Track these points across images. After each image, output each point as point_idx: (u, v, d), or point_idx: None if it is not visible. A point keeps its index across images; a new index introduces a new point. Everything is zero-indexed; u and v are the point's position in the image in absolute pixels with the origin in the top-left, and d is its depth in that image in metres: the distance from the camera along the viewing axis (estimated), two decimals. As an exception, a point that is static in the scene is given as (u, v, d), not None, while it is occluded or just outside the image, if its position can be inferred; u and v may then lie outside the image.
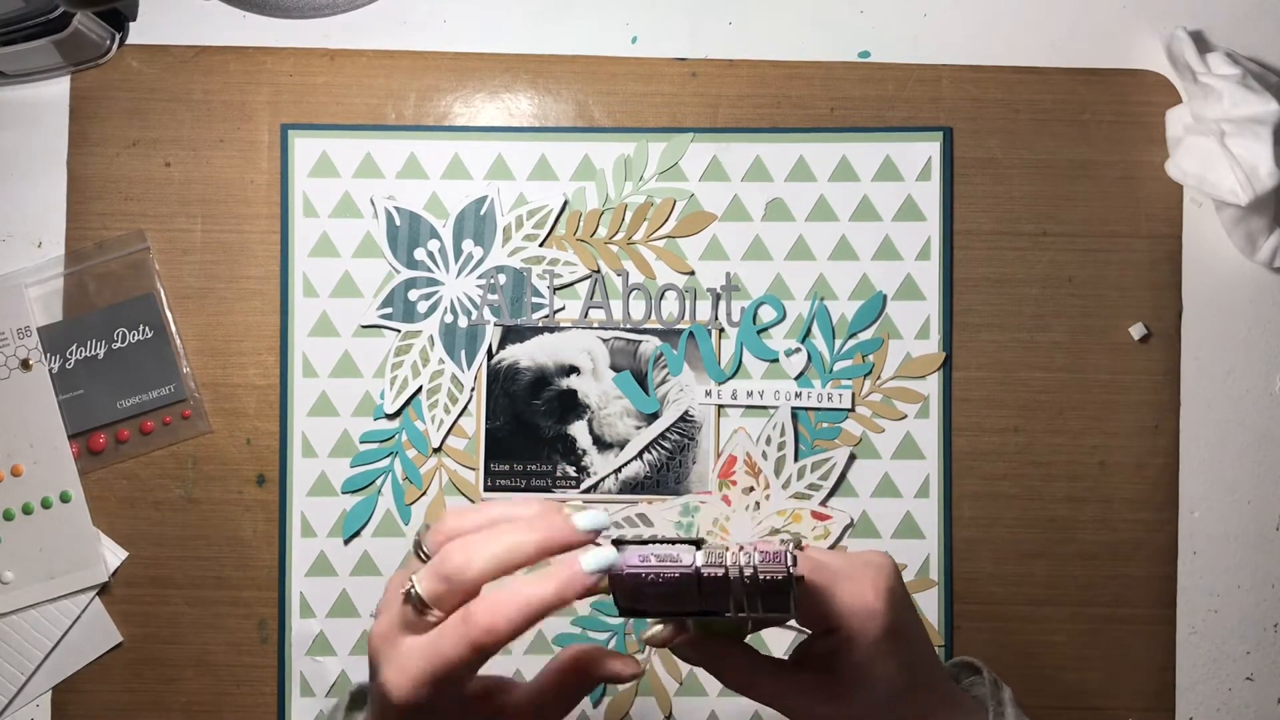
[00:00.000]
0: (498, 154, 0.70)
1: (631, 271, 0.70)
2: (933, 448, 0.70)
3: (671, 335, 0.70)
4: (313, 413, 0.70)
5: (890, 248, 0.70)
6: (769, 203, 0.70)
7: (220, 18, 0.71)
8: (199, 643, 0.69)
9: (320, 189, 0.70)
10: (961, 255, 0.71)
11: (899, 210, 0.70)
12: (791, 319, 0.70)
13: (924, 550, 0.70)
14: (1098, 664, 0.70)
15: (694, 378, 0.70)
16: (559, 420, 0.70)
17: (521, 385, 0.70)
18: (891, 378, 0.70)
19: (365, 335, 0.70)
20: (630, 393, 0.70)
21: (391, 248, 0.70)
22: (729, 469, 0.70)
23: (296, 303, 0.70)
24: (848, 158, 0.70)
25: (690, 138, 0.70)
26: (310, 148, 0.70)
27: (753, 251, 0.70)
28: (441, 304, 0.70)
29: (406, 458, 0.70)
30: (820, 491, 0.69)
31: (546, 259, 0.70)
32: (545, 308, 0.70)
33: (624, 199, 0.70)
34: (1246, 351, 0.71)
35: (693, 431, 0.70)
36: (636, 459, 0.70)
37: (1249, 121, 0.66)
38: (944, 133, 0.70)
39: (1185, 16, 0.72)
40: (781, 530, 0.69)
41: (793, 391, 0.70)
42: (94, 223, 0.70)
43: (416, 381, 0.70)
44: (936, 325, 0.70)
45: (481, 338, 0.70)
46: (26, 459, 0.69)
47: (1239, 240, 0.70)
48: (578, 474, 0.70)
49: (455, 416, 0.69)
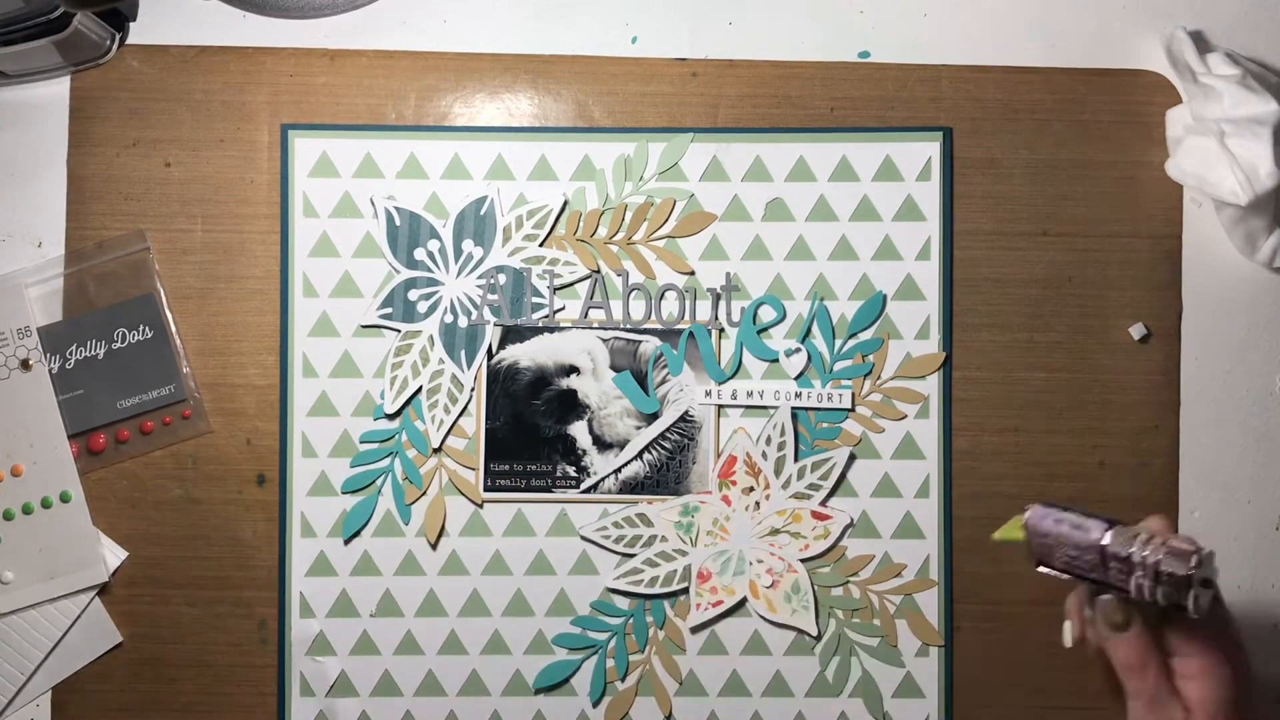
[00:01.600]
0: (498, 154, 0.70)
1: (631, 271, 0.70)
2: (933, 448, 0.70)
3: (671, 335, 0.70)
4: (313, 413, 0.70)
5: (890, 248, 0.70)
6: (769, 203, 0.70)
7: (220, 18, 0.71)
8: (199, 643, 0.69)
9: (320, 189, 0.70)
10: (961, 255, 0.71)
11: (899, 210, 0.70)
12: (791, 319, 0.70)
13: (924, 550, 0.70)
14: (1098, 664, 0.70)
15: (694, 378, 0.70)
16: (559, 420, 0.70)
17: (521, 385, 0.70)
18: (891, 378, 0.70)
19: (365, 335, 0.70)
20: (630, 393, 0.70)
21: (391, 248, 0.70)
22: (729, 469, 0.70)
23: (296, 303, 0.70)
24: (848, 158, 0.70)
25: (690, 138, 0.70)
26: (310, 148, 0.70)
27: (753, 251, 0.70)
28: (441, 304, 0.70)
29: (406, 458, 0.70)
30: (820, 491, 0.69)
31: (546, 259, 0.70)
32: (545, 308, 0.70)
33: (624, 199, 0.70)
34: (1246, 351, 0.71)
35: (693, 431, 0.70)
36: (636, 459, 0.70)
37: (1249, 121, 0.66)
38: (944, 133, 0.70)
39: (1185, 17, 0.72)
40: (782, 531, 0.69)
41: (793, 391, 0.70)
42: (94, 223, 0.70)
43: (416, 381, 0.70)
44: (936, 325, 0.70)
45: (481, 338, 0.70)
46: (26, 459, 0.69)
47: (1239, 240, 0.70)
48: (578, 474, 0.70)
49: (455, 416, 0.69)
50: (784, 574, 0.69)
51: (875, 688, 0.69)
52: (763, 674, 0.69)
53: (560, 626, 0.70)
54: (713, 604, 0.69)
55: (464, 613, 0.69)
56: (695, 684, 0.69)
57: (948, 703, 0.69)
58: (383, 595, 0.69)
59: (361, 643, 0.69)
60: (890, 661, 0.69)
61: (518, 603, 0.69)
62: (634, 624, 0.69)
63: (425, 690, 0.69)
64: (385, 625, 0.69)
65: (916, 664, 0.69)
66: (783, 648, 0.69)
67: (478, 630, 0.69)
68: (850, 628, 0.69)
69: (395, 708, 0.69)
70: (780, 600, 0.69)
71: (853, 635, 0.69)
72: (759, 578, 0.69)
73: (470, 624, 0.69)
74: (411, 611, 0.69)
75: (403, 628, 0.69)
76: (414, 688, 0.69)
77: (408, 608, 0.69)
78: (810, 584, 0.69)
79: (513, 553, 0.70)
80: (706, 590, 0.69)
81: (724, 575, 0.69)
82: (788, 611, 0.69)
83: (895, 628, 0.69)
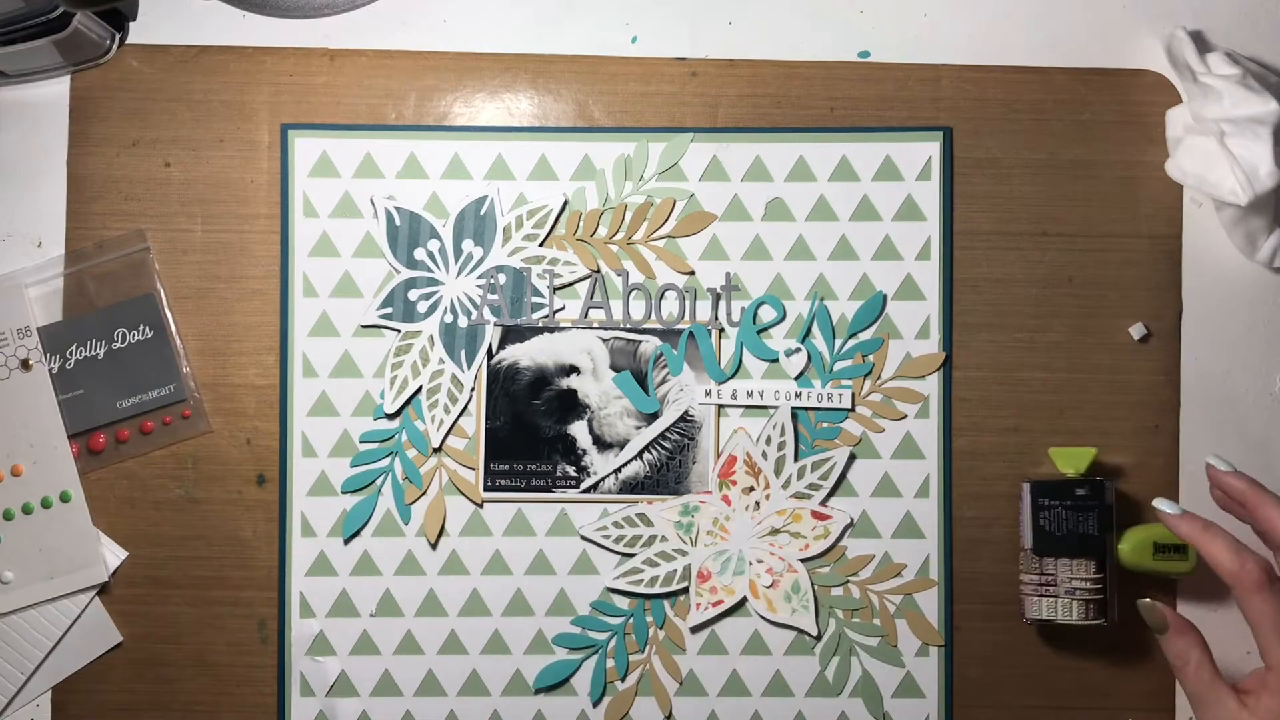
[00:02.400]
0: (498, 154, 0.70)
1: (631, 271, 0.70)
2: (933, 448, 0.70)
3: (671, 335, 0.70)
4: (313, 413, 0.70)
5: (890, 248, 0.70)
6: (769, 203, 0.70)
7: (220, 18, 0.71)
8: (199, 643, 0.69)
9: (320, 189, 0.70)
10: (961, 255, 0.71)
11: (899, 210, 0.70)
12: (791, 319, 0.70)
13: (924, 550, 0.70)
14: (1098, 664, 0.70)
15: (694, 377, 0.70)
16: (559, 420, 0.70)
17: (521, 385, 0.70)
18: (891, 378, 0.70)
19: (365, 335, 0.70)
20: (630, 393, 0.70)
21: (391, 248, 0.70)
22: (729, 469, 0.70)
23: (296, 303, 0.70)
24: (848, 157, 0.70)
25: (690, 138, 0.70)
26: (310, 148, 0.70)
27: (753, 251, 0.70)
28: (441, 304, 0.70)
29: (406, 457, 0.70)
30: (820, 491, 0.69)
31: (546, 259, 0.70)
32: (545, 308, 0.70)
33: (624, 199, 0.70)
34: (1246, 351, 0.71)
35: (693, 431, 0.70)
36: (636, 459, 0.70)
37: (1249, 121, 0.66)
38: (944, 133, 0.70)
39: (1185, 16, 0.72)
40: (782, 530, 0.69)
41: (793, 391, 0.70)
42: (94, 222, 0.70)
43: (416, 381, 0.70)
44: (937, 325, 0.70)
45: (481, 337, 0.70)
46: (26, 459, 0.69)
47: (1239, 240, 0.70)
48: (578, 474, 0.70)
49: (455, 416, 0.69)
50: (784, 574, 0.69)
51: (875, 687, 0.69)
52: (763, 674, 0.69)
53: (560, 626, 0.70)
54: (713, 604, 0.69)
55: (464, 612, 0.69)
56: (695, 684, 0.70)
57: (948, 703, 0.69)
58: (383, 595, 0.69)
59: (362, 642, 0.69)
60: (890, 661, 0.69)
61: (518, 602, 0.69)
62: (634, 624, 0.69)
63: (425, 690, 0.69)
64: (385, 625, 0.69)
65: (916, 664, 0.69)
66: (783, 647, 0.69)
67: (478, 630, 0.69)
68: (850, 627, 0.69)
69: (395, 707, 0.69)
70: (780, 600, 0.69)
71: (853, 635, 0.69)
72: (759, 577, 0.69)
73: (470, 624, 0.69)
74: (411, 611, 0.69)
75: (403, 627, 0.69)
76: (414, 687, 0.69)
77: (408, 607, 0.69)
78: (810, 584, 0.69)
79: (513, 552, 0.70)
80: (706, 590, 0.69)
81: (724, 575, 0.69)
82: (788, 611, 0.69)
83: (895, 627, 0.69)
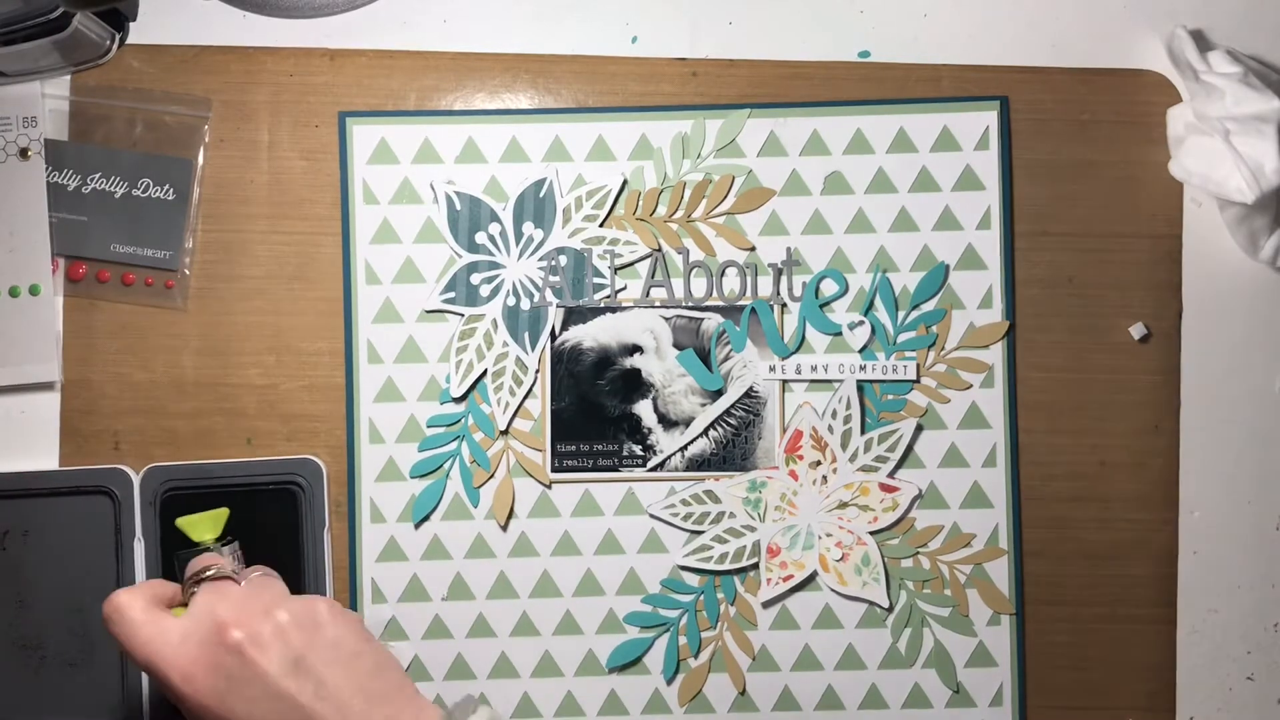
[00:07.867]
0: (555, 136, 0.70)
1: (692, 249, 0.70)
2: (999, 417, 0.70)
3: (733, 312, 0.70)
4: (379, 399, 0.70)
5: (950, 218, 0.70)
6: (827, 176, 0.70)
7: (220, 18, 0.71)
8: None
9: (379, 175, 0.70)
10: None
11: (958, 180, 0.70)
12: (854, 292, 0.70)
13: (993, 519, 0.70)
14: (1098, 664, 0.70)
15: (757, 354, 0.70)
16: (624, 399, 0.70)
17: (585, 366, 0.70)
18: (956, 348, 0.70)
19: (429, 320, 0.70)
20: (694, 370, 0.70)
21: (452, 232, 0.70)
22: (795, 444, 0.70)
23: (360, 290, 0.70)
24: (905, 129, 0.70)
25: (747, 113, 0.70)
26: (369, 134, 0.70)
27: (813, 226, 0.70)
28: (504, 287, 0.70)
29: (473, 440, 0.70)
30: (888, 464, 0.69)
31: (607, 239, 0.70)
32: (607, 288, 0.70)
33: (682, 177, 0.70)
34: (1246, 351, 0.71)
35: (758, 407, 0.70)
36: (702, 436, 0.70)
37: (1253, 119, 0.65)
38: (1000, 101, 0.70)
39: (1186, 15, 0.71)
40: (850, 504, 0.69)
41: (857, 365, 0.70)
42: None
43: (481, 365, 0.70)
44: (999, 294, 0.70)
45: (544, 319, 0.70)
46: (5, 246, 0.68)
47: (1242, 239, 0.70)
48: (644, 452, 0.70)
49: (520, 399, 0.70)
50: (853, 547, 0.69)
51: (949, 658, 0.69)
52: (835, 647, 0.70)
53: (631, 605, 0.70)
54: (783, 579, 0.69)
55: (535, 594, 0.70)
56: (768, 659, 0.70)
57: (1020, 670, 0.69)
58: (454, 579, 0.70)
59: (434, 627, 0.69)
60: (962, 631, 0.69)
61: (588, 582, 0.70)
62: (705, 600, 0.70)
63: (498, 673, 0.69)
64: (457, 609, 0.69)
65: (988, 633, 0.69)
66: (854, 620, 0.69)
67: (549, 611, 0.70)
68: (921, 599, 0.70)
69: (470, 691, 0.69)
70: (850, 573, 0.69)
71: (924, 606, 0.70)
72: (828, 551, 0.69)
73: (542, 605, 0.70)
74: (483, 594, 0.70)
75: (475, 610, 0.69)
76: (487, 670, 0.69)
77: (479, 590, 0.70)
78: (880, 556, 0.69)
79: (582, 533, 0.70)
80: (776, 565, 0.69)
81: (793, 550, 0.69)
82: (858, 584, 0.69)
83: (966, 597, 0.69)
